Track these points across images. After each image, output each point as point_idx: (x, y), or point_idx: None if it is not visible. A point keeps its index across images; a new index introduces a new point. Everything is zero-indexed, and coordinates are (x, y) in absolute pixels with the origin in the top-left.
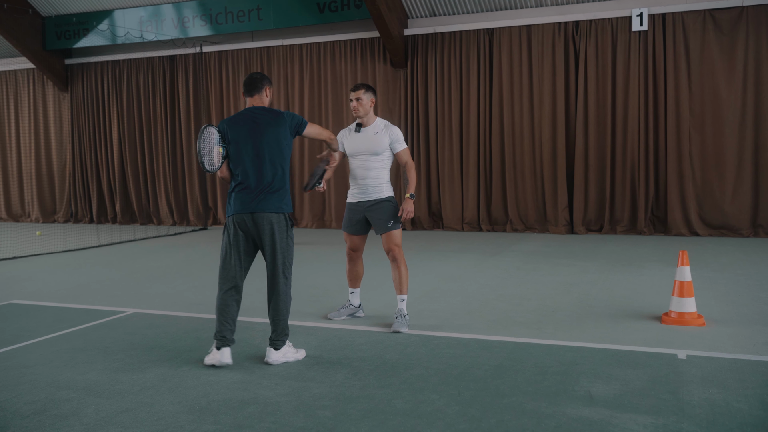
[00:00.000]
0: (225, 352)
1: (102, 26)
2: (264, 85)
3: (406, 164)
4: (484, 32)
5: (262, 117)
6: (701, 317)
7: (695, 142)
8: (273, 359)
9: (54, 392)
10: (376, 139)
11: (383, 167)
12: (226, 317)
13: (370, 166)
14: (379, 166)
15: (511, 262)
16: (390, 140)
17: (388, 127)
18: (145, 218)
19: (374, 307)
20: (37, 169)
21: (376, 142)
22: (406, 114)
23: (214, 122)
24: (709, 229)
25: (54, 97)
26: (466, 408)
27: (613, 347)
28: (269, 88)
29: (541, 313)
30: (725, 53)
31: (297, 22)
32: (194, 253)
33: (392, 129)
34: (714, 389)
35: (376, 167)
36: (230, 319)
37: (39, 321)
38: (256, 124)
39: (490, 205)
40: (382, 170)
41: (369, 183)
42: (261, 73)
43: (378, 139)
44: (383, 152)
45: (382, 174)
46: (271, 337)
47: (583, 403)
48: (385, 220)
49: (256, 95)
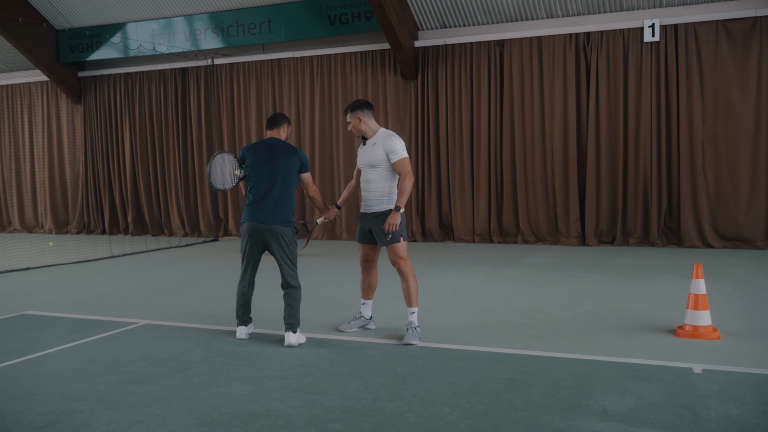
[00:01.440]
0: (240, 330)
1: (115, 39)
2: (282, 122)
3: (400, 174)
4: (494, 44)
5: (279, 147)
6: (716, 330)
7: (708, 153)
8: (291, 341)
9: (66, 403)
10: (373, 151)
11: (383, 179)
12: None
13: (369, 179)
14: (378, 179)
15: (522, 274)
16: (386, 151)
17: (385, 138)
18: (156, 229)
19: (385, 319)
20: (50, 181)
21: (372, 155)
22: (416, 126)
23: (225, 134)
24: (724, 241)
25: (67, 109)
26: (479, 422)
27: (628, 361)
28: (287, 126)
29: (553, 326)
30: (738, 64)
31: (308, 34)
32: (205, 264)
33: (388, 140)
34: (731, 404)
35: (375, 179)
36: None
37: (51, 332)
38: (273, 152)
39: (501, 217)
40: (382, 182)
41: (369, 195)
42: (281, 113)
43: (374, 151)
44: (380, 164)
45: (382, 186)
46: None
47: (597, 417)
48: (386, 234)
49: (275, 129)
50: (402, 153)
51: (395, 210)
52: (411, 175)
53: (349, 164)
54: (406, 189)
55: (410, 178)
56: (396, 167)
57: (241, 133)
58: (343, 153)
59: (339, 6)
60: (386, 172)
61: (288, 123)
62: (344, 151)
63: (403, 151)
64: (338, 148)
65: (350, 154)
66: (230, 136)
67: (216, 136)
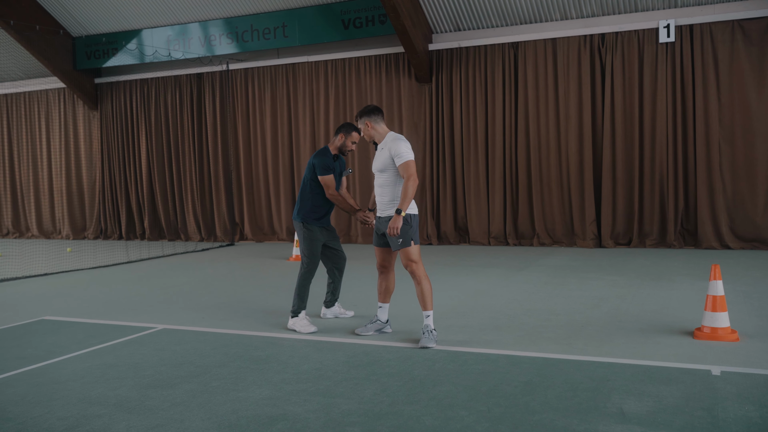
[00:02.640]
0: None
1: (130, 46)
2: (339, 132)
3: (403, 177)
4: (509, 46)
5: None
6: (735, 332)
7: (725, 154)
8: (288, 324)
9: (86, 408)
10: (381, 156)
11: (391, 183)
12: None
13: (379, 183)
14: (386, 183)
15: (538, 276)
16: (391, 155)
17: (391, 142)
18: (173, 234)
19: (402, 323)
20: (67, 187)
21: (380, 159)
22: (431, 129)
23: (240, 139)
24: (741, 242)
25: (84, 115)
26: (496, 425)
27: (645, 363)
28: (342, 135)
29: (570, 328)
30: (755, 64)
31: (322, 38)
32: (222, 268)
33: (393, 143)
34: (750, 406)
35: (384, 183)
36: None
37: (70, 337)
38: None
39: (516, 219)
40: (391, 186)
41: (381, 200)
42: (348, 122)
43: (382, 156)
44: (387, 168)
45: (391, 190)
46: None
47: (615, 420)
48: (395, 238)
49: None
50: (406, 156)
51: (396, 213)
52: (414, 177)
53: (364, 169)
54: (409, 192)
55: (413, 181)
56: (400, 170)
57: (257, 137)
58: (357, 157)
59: (353, 10)
60: (394, 176)
61: (342, 132)
62: (359, 156)
63: (407, 153)
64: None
65: (365, 158)
66: (245, 140)
67: (231, 141)
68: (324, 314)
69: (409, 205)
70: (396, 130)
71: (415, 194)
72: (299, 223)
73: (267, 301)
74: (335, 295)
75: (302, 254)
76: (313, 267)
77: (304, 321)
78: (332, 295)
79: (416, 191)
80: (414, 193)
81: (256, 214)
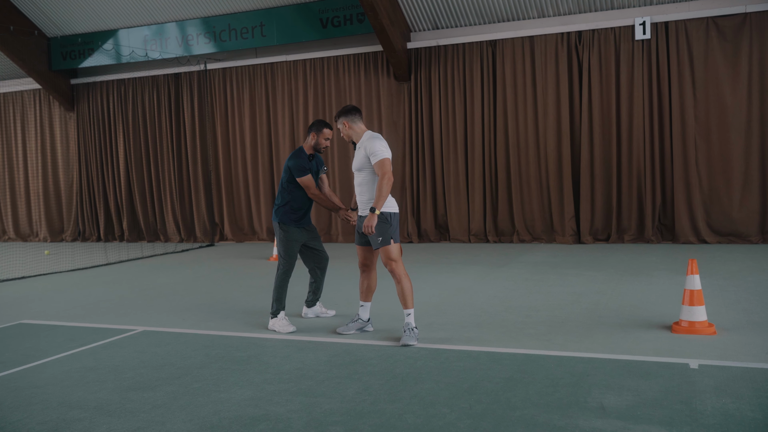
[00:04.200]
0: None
1: (107, 46)
2: (311, 131)
3: (379, 174)
4: (487, 44)
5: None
6: (712, 326)
7: (701, 149)
8: (268, 325)
9: (66, 412)
10: (357, 155)
11: (369, 182)
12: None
13: (358, 182)
14: (364, 181)
15: (518, 273)
16: (366, 154)
17: (367, 140)
18: (152, 235)
19: (383, 321)
20: (44, 189)
21: (357, 158)
22: (410, 127)
23: (219, 138)
24: (718, 236)
25: (60, 116)
26: (478, 422)
27: (625, 357)
28: (312, 134)
29: (550, 325)
30: (729, 60)
31: (300, 37)
32: (202, 269)
33: (369, 142)
34: (727, 399)
35: (362, 182)
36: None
37: (49, 340)
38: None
39: (496, 217)
40: (369, 185)
41: (360, 198)
42: (319, 119)
43: (358, 155)
44: (364, 167)
45: (369, 189)
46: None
47: (595, 414)
48: (374, 236)
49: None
50: (380, 154)
51: (371, 212)
52: (389, 176)
53: (343, 168)
54: (383, 190)
55: (387, 179)
56: (375, 169)
57: (235, 137)
58: (337, 156)
59: (331, 9)
60: (371, 174)
61: (313, 131)
62: (338, 155)
63: (382, 152)
64: (332, 152)
65: (344, 156)
66: (224, 140)
67: (210, 141)
68: (305, 314)
69: (384, 203)
70: (375, 129)
71: (393, 193)
72: (276, 224)
73: (248, 301)
74: (317, 294)
75: (279, 255)
76: (289, 268)
77: (283, 321)
78: (314, 294)
79: (396, 189)
80: (389, 191)
81: (236, 214)
